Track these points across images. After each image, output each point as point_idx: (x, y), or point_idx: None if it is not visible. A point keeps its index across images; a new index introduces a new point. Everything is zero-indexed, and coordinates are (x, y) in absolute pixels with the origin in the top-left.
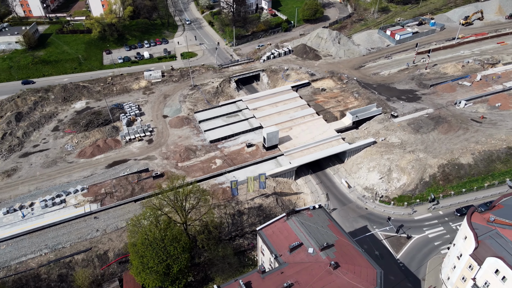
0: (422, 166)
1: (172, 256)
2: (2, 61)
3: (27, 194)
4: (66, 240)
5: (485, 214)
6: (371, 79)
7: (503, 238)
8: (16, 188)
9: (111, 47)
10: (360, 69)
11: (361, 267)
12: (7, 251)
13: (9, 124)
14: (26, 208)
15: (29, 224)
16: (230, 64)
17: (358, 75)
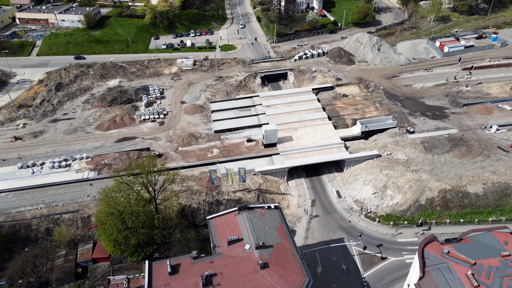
0: (421, 188)
1: (131, 229)
2: (63, 37)
3: (44, 155)
4: (60, 200)
5: (443, 245)
6: (400, 90)
7: (451, 272)
8: (37, 148)
9: (160, 34)
10: (392, 79)
11: (290, 272)
12: (11, 200)
13: (49, 92)
14: (37, 166)
15: (35, 180)
16: (260, 60)
17: (388, 85)
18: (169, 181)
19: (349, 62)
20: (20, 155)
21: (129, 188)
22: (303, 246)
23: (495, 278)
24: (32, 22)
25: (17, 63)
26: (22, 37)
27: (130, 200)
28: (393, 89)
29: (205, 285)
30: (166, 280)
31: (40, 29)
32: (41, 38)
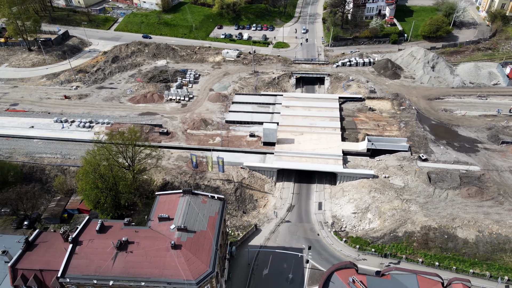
0: (404, 219)
1: (101, 189)
2: (140, 17)
3: (79, 114)
4: (73, 154)
5: (359, 275)
6: (435, 114)
7: None
8: (77, 108)
9: (224, 24)
10: (433, 101)
11: (197, 259)
12: (39, 146)
13: (106, 63)
14: (68, 123)
15: (61, 134)
16: (303, 61)
17: (425, 106)
18: (149, 156)
19: (393, 75)
20: (63, 111)
21: (108, 154)
22: (260, 246)
23: None
24: (121, 1)
25: (96, 35)
26: (108, 12)
27: (110, 165)
28: (428, 111)
29: (119, 248)
30: (92, 236)
31: (124, 8)
32: (123, 15)
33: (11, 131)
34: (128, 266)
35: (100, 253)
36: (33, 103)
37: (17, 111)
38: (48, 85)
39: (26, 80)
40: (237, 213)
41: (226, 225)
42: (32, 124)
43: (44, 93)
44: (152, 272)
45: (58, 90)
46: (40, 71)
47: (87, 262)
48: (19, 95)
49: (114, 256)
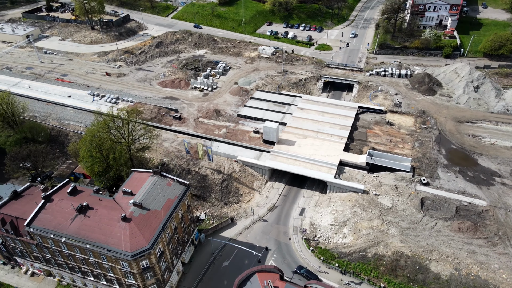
0: (378, 240)
1: (94, 158)
2: (196, 7)
3: (112, 90)
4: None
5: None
6: (459, 138)
7: None
8: (112, 85)
9: (275, 21)
10: (463, 124)
11: (141, 235)
12: (69, 113)
13: (150, 47)
14: (98, 97)
15: (90, 106)
16: (335, 65)
17: (451, 128)
18: (145, 135)
19: (428, 91)
20: (100, 86)
21: (105, 127)
22: (229, 239)
23: None
24: None
25: (154, 21)
26: (170, 1)
27: (110, 138)
28: (452, 134)
29: (78, 211)
30: (63, 197)
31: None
32: (183, 5)
33: (52, 98)
34: (81, 228)
35: (63, 212)
36: (79, 75)
37: (64, 81)
38: (97, 61)
39: (81, 55)
40: (219, 203)
41: (200, 211)
42: (70, 94)
43: (91, 68)
44: (98, 238)
45: (103, 67)
46: (94, 49)
47: (51, 218)
48: (70, 67)
49: (73, 217)
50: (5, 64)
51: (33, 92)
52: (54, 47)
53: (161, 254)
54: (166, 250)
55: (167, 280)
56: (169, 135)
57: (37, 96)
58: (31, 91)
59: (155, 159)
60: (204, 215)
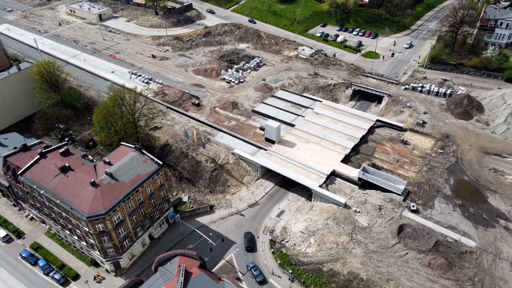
0: (338, 257)
1: (103, 128)
2: (257, 3)
3: (150, 71)
4: None
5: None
6: (477, 170)
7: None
8: (153, 66)
9: (330, 23)
10: (488, 156)
11: (101, 200)
12: (103, 84)
13: (198, 36)
14: (135, 75)
15: (127, 83)
16: (371, 74)
17: (472, 158)
18: (150, 115)
19: (462, 115)
20: (142, 66)
21: (115, 100)
22: (202, 225)
23: None
24: None
25: (216, 11)
26: None
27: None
28: (471, 165)
29: (61, 170)
30: (56, 156)
31: None
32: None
33: (98, 71)
34: (58, 185)
35: (49, 169)
36: (129, 55)
37: (115, 58)
38: (149, 44)
39: (138, 36)
40: (205, 190)
41: (184, 194)
42: (113, 70)
43: (141, 49)
44: (68, 196)
45: (152, 49)
46: (152, 32)
47: (39, 171)
48: (125, 46)
49: (56, 175)
50: (75, 37)
51: (85, 64)
52: (119, 27)
53: (119, 222)
54: (128, 221)
55: (127, 248)
56: (182, 119)
57: (87, 68)
58: (84, 63)
59: (162, 138)
60: (187, 198)
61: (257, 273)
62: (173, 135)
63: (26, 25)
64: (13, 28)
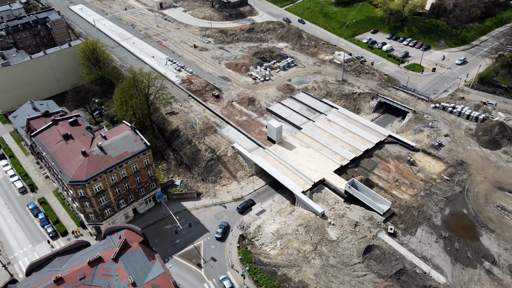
0: (294, 264)
1: (119, 106)
2: (311, 3)
3: (185, 60)
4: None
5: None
6: (481, 205)
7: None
8: (190, 56)
9: (382, 30)
10: (500, 191)
11: (85, 170)
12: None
13: (242, 31)
14: (170, 62)
15: (159, 67)
16: (403, 88)
17: (481, 191)
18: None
19: (489, 143)
20: (182, 55)
21: (134, 83)
22: (184, 210)
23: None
24: None
25: (267, 8)
26: None
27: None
28: (476, 198)
29: (64, 137)
30: (65, 124)
31: None
32: None
33: (141, 55)
34: (57, 150)
35: (55, 135)
36: (174, 43)
37: (161, 44)
38: (196, 34)
39: (189, 26)
40: (198, 177)
41: (178, 178)
42: (154, 55)
43: (186, 39)
44: (61, 161)
45: (196, 40)
46: (201, 23)
47: (47, 136)
48: (173, 35)
49: (58, 140)
50: (133, 21)
51: (132, 47)
52: (174, 15)
53: (100, 191)
54: (109, 191)
55: (108, 216)
56: (199, 108)
57: (133, 51)
58: (132, 46)
59: (174, 123)
60: (179, 182)
61: (222, 230)
62: (185, 122)
63: (97, 7)
64: (85, 8)
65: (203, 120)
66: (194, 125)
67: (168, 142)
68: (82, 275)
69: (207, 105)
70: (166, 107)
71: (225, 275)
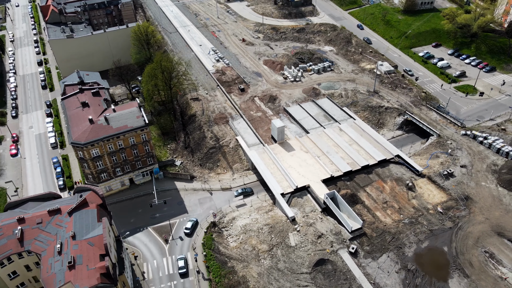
0: (243, 260)
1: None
2: (377, 9)
3: (229, 52)
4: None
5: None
6: (466, 247)
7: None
8: (235, 49)
9: (445, 44)
10: (497, 237)
11: (88, 135)
12: (189, 55)
13: (292, 30)
14: (213, 52)
15: (202, 56)
16: (437, 109)
17: (475, 232)
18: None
19: (510, 184)
20: (228, 46)
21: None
22: (174, 189)
23: None
24: None
25: (330, 10)
26: None
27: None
28: (465, 239)
29: (82, 104)
30: (88, 94)
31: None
32: (372, 3)
33: (191, 42)
34: (74, 114)
35: (76, 101)
36: (225, 34)
37: (214, 34)
38: (249, 29)
39: (246, 20)
40: (197, 162)
41: (180, 159)
42: (201, 44)
43: (239, 32)
44: (73, 123)
45: (247, 34)
46: (258, 19)
47: (72, 101)
48: (228, 27)
49: (78, 106)
50: (198, 11)
51: (186, 34)
52: (237, 9)
53: (97, 156)
54: (106, 158)
55: (104, 180)
56: (221, 98)
57: (185, 37)
58: (186, 33)
59: (194, 108)
60: (179, 163)
61: (191, 225)
62: (204, 109)
63: None
64: None
65: (220, 110)
66: (204, 113)
67: (184, 125)
68: (40, 220)
69: (229, 97)
70: (192, 93)
71: (183, 256)
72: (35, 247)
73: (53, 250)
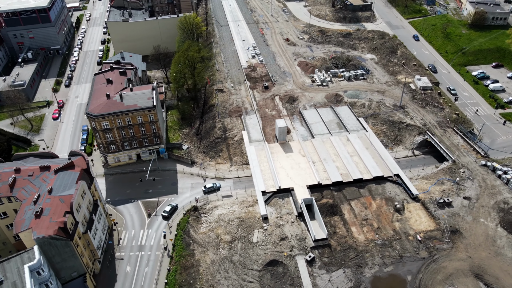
0: (205, 246)
1: (172, 73)
2: (441, 20)
3: (268, 49)
4: (228, 63)
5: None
6: (432, 279)
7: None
8: (275, 47)
9: (509, 66)
10: (474, 279)
11: (101, 108)
12: (231, 49)
13: (338, 34)
14: (252, 48)
15: (241, 50)
16: (464, 133)
17: (449, 267)
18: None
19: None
20: (270, 45)
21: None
22: (172, 170)
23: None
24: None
25: (389, 17)
26: (431, 7)
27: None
28: (435, 272)
29: (107, 81)
30: (116, 72)
31: (448, 9)
32: (439, 14)
33: (236, 36)
34: (98, 89)
35: (103, 79)
36: (272, 33)
37: (261, 31)
38: (298, 29)
39: (297, 21)
40: (202, 149)
41: (187, 144)
42: (244, 39)
43: (286, 31)
44: (94, 97)
45: (293, 34)
46: (312, 20)
47: (101, 77)
48: (277, 25)
49: (103, 82)
50: (256, 7)
51: (234, 29)
52: (293, 9)
53: (107, 129)
54: (115, 132)
55: (113, 151)
56: (244, 93)
57: (232, 31)
58: (234, 27)
59: (215, 99)
60: (186, 147)
61: (169, 210)
62: (224, 100)
63: None
64: None
65: (238, 104)
66: (218, 103)
67: (202, 113)
68: (31, 173)
69: (252, 92)
70: (219, 84)
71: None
72: (20, 194)
73: (31, 200)
